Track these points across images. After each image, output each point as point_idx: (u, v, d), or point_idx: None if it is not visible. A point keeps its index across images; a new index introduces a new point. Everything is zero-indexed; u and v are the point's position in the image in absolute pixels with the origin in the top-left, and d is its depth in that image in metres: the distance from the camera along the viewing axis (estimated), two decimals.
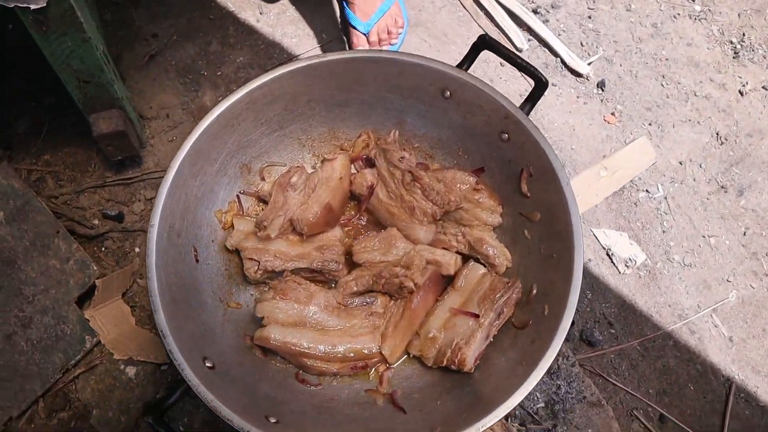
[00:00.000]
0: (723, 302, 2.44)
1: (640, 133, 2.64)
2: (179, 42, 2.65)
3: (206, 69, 2.61)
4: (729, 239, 2.53)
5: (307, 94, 1.77)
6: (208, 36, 2.67)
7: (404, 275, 1.63)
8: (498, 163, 1.76)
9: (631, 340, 2.36)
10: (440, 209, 1.71)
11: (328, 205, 1.71)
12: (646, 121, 2.67)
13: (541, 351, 1.46)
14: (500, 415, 1.41)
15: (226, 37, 2.68)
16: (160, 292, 1.47)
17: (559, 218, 1.59)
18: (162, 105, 2.52)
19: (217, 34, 2.68)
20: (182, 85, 2.57)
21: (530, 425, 2.10)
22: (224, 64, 2.63)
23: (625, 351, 2.36)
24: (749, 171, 2.63)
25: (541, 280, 1.63)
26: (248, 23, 2.72)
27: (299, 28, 2.72)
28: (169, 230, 1.57)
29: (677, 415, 2.29)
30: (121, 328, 2.16)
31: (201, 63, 2.62)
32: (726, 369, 2.37)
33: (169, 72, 2.59)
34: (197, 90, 2.56)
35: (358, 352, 1.62)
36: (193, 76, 2.59)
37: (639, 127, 2.66)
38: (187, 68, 2.60)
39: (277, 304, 1.60)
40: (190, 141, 1.60)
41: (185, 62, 2.61)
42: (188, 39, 2.65)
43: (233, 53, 2.65)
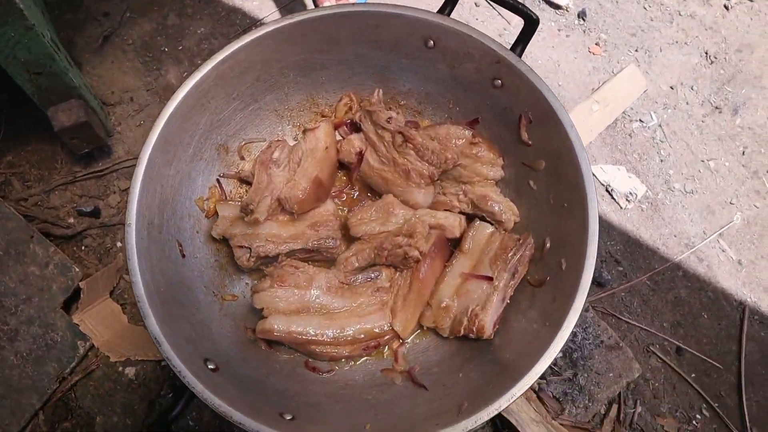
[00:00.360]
0: (728, 226, 2.35)
1: (627, 61, 2.50)
2: (133, 19, 2.46)
3: (166, 45, 2.43)
4: (728, 160, 2.43)
5: (278, 61, 1.61)
6: (163, 9, 2.49)
7: (408, 244, 1.50)
8: (493, 112, 1.62)
9: (640, 275, 2.28)
10: (437, 169, 1.57)
11: (317, 179, 1.57)
12: (632, 47, 2.54)
13: (564, 309, 1.36)
14: (529, 382, 1.31)
15: (184, 8, 2.50)
16: (148, 295, 1.35)
17: (566, 164, 1.47)
18: (124, 88, 2.35)
19: (173, 6, 2.50)
20: (143, 64, 2.40)
21: (550, 377, 2.02)
22: (185, 37, 2.45)
23: (636, 287, 2.28)
24: (742, 88, 2.52)
25: (553, 232, 1.51)
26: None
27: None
28: (148, 227, 1.44)
29: (693, 346, 2.23)
30: (113, 328, 2.07)
31: (160, 39, 2.44)
32: (737, 293, 2.30)
33: (127, 52, 2.41)
34: (159, 68, 2.39)
35: (369, 331, 1.50)
36: (153, 54, 2.41)
37: (625, 55, 2.53)
38: (145, 46, 2.42)
39: (276, 293, 1.47)
40: (157, 128, 1.45)
41: (143, 40, 2.44)
42: (143, 14, 2.47)
43: (193, 24, 2.47)
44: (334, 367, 1.55)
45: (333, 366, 1.55)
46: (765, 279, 2.30)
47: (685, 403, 2.18)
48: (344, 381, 1.53)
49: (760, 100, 2.50)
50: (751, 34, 2.59)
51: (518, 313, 1.51)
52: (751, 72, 2.53)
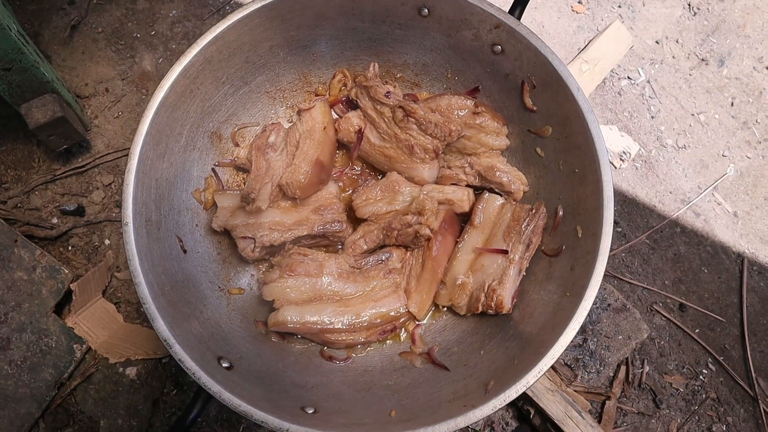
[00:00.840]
0: (722, 178, 2.32)
1: (611, 18, 2.44)
2: (101, 5, 2.33)
3: (138, 30, 2.30)
4: (718, 113, 2.39)
5: (267, 40, 1.52)
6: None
7: (418, 222, 1.44)
8: (494, 79, 1.55)
9: (639, 234, 2.24)
10: (441, 142, 1.51)
11: (318, 161, 1.49)
12: (614, 3, 2.47)
13: (585, 277, 1.31)
14: (555, 355, 1.26)
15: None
16: (153, 297, 1.27)
17: (574, 129, 1.41)
18: (98, 79, 2.23)
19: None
20: (115, 52, 2.27)
21: None
22: (156, 21, 2.32)
23: (635, 247, 2.24)
24: (726, 38, 2.47)
25: (566, 199, 1.46)
26: None
27: None
28: (146, 225, 1.36)
29: (695, 301, 2.21)
30: (110, 328, 1.99)
31: (130, 25, 2.31)
32: (735, 245, 2.27)
33: (98, 41, 2.28)
34: (133, 56, 2.27)
35: (385, 315, 1.44)
36: (125, 41, 2.29)
37: (609, 12, 2.46)
38: (116, 33, 2.29)
39: (287, 283, 1.40)
40: (146, 119, 1.37)
41: (113, 27, 2.30)
42: (110, 0, 2.33)
43: (164, 8, 2.35)
44: (351, 354, 1.49)
45: (350, 353, 1.49)
46: (761, 229, 2.28)
47: (691, 359, 2.16)
48: (363, 368, 1.48)
49: (744, 49, 2.46)
50: None
51: (536, 285, 1.46)
52: (735, 21, 2.49)
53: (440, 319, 1.55)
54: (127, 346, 1.98)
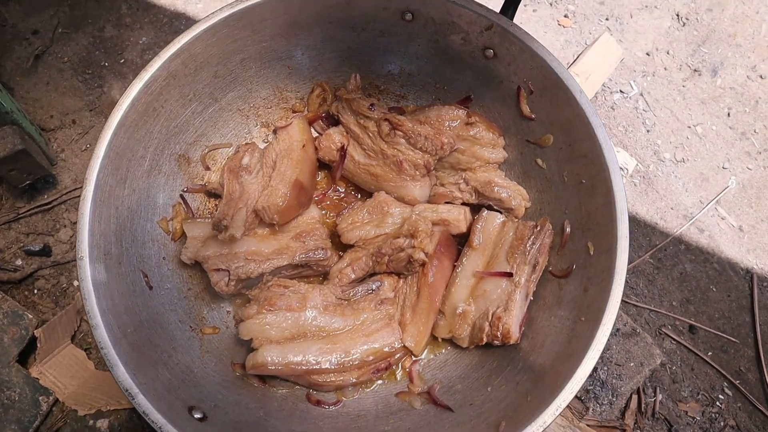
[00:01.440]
0: (724, 191, 2.19)
1: (599, 31, 2.33)
2: (67, 34, 2.19)
3: (106, 59, 2.16)
4: (715, 124, 2.26)
5: (238, 52, 1.38)
6: (99, 21, 2.22)
7: (410, 246, 1.28)
8: (487, 87, 1.41)
9: (642, 254, 2.09)
10: (433, 156, 1.35)
11: (297, 182, 1.33)
12: (602, 16, 2.36)
13: (602, 298, 1.16)
14: (575, 388, 1.10)
15: (121, 18, 2.23)
16: (113, 340, 1.11)
17: (579, 135, 1.27)
18: (64, 110, 2.08)
19: (109, 17, 2.23)
20: (82, 82, 2.12)
21: None
22: (125, 49, 2.18)
23: (639, 267, 2.09)
24: (717, 48, 2.36)
25: (573, 214, 1.31)
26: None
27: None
28: (105, 259, 1.19)
29: (706, 322, 2.05)
30: (79, 377, 1.84)
31: (98, 53, 2.17)
32: (743, 261, 2.13)
33: (64, 71, 2.13)
34: (101, 85, 2.12)
35: (378, 352, 1.27)
36: (93, 70, 2.14)
37: (596, 25, 2.35)
38: (83, 62, 2.15)
39: (266, 319, 1.23)
40: (104, 141, 1.22)
41: (80, 56, 2.16)
42: (77, 29, 2.20)
43: (133, 35, 2.21)
44: (342, 397, 1.31)
45: (340, 397, 1.31)
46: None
47: (706, 384, 1.99)
48: (356, 412, 1.30)
49: (737, 58, 2.35)
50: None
51: (545, 310, 1.30)
52: (725, 30, 2.38)
53: (440, 354, 1.38)
54: (98, 395, 1.82)
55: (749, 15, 2.41)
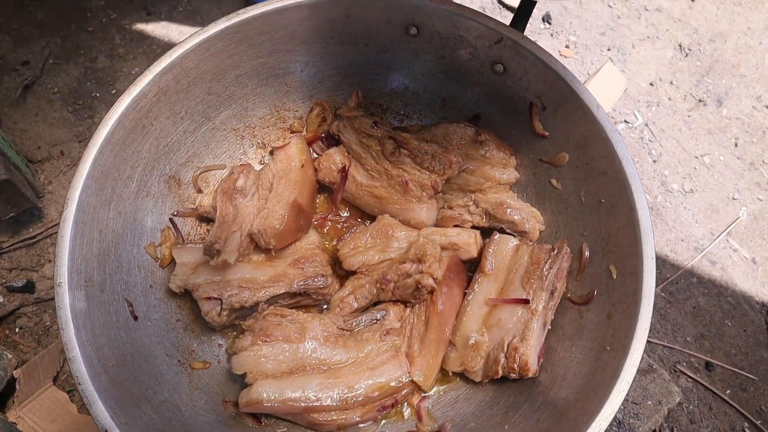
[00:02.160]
0: (735, 223, 2.10)
1: (600, 62, 2.27)
2: (58, 65, 2.12)
3: (97, 90, 2.08)
4: (722, 154, 2.19)
5: (233, 68, 1.29)
6: (91, 52, 2.15)
7: (418, 271, 1.17)
8: (497, 104, 1.32)
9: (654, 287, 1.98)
10: (440, 176, 1.26)
11: (295, 204, 1.23)
12: (603, 47, 2.31)
13: (629, 325, 1.06)
14: (603, 425, 0.99)
15: (113, 48, 2.16)
16: (92, 375, 1.00)
17: (596, 152, 1.18)
18: (52, 141, 1.99)
19: (102, 48, 2.16)
20: (72, 113, 2.04)
21: None
22: (117, 79, 2.11)
23: None
24: (722, 78, 2.30)
25: (592, 236, 1.21)
26: (136, 28, 2.20)
27: (197, 22, 2.22)
28: (86, 286, 1.08)
29: (722, 358, 1.94)
30: (61, 421, 1.74)
31: (90, 84, 2.09)
32: (758, 294, 2.03)
33: (53, 102, 2.05)
34: (92, 116, 2.04)
35: (384, 386, 1.14)
36: (83, 101, 2.06)
37: (598, 56, 2.29)
38: (74, 93, 2.07)
39: (261, 351, 1.11)
40: (88, 159, 1.12)
41: (70, 86, 2.08)
42: (68, 59, 2.13)
43: (126, 65, 2.13)
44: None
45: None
46: None
47: (726, 425, 1.87)
48: None
49: (741, 88, 2.29)
50: (720, 22, 2.40)
51: (565, 340, 1.19)
52: (728, 61, 2.33)
53: (451, 389, 1.26)
54: None
55: (752, 46, 2.36)
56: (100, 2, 2.20)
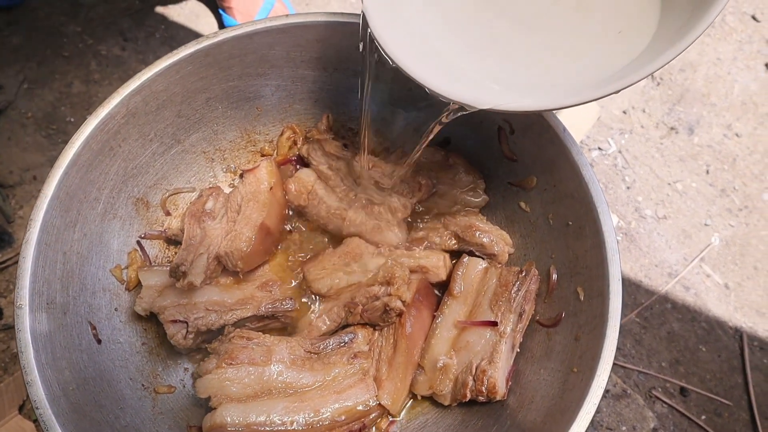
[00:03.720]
0: (708, 249, 2.11)
1: None
2: (32, 90, 2.10)
3: (72, 114, 2.07)
4: (694, 181, 2.21)
5: (203, 91, 1.28)
6: (66, 77, 2.13)
7: (386, 294, 1.16)
8: (466, 128, 1.32)
9: (628, 313, 1.99)
10: (410, 199, 1.25)
11: (264, 226, 1.21)
12: None
13: (595, 346, 1.04)
14: None
15: (89, 74, 2.15)
16: (50, 399, 0.97)
17: (563, 175, 1.17)
18: (25, 166, 1.96)
19: (77, 73, 2.14)
20: (46, 138, 2.02)
21: None
22: (93, 104, 2.10)
23: (625, 326, 1.98)
24: (692, 107, 2.33)
25: (560, 258, 1.20)
26: (113, 54, 2.19)
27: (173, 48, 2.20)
28: (48, 308, 1.05)
29: (697, 384, 1.93)
30: None
31: (64, 109, 2.08)
32: (731, 319, 2.03)
33: (27, 126, 2.03)
34: (66, 140, 1.99)
35: (351, 411, 1.12)
36: (57, 125, 2.04)
37: None
38: (48, 118, 2.05)
39: (226, 374, 1.08)
40: (53, 180, 1.10)
41: (44, 111, 2.06)
42: (43, 85, 2.11)
43: (101, 90, 2.12)
44: None
45: None
46: (756, 301, 2.05)
47: None
48: None
49: (712, 117, 2.32)
50: (690, 53, 2.44)
51: (533, 363, 1.17)
52: (698, 90, 2.36)
53: (420, 413, 1.23)
54: None
55: (721, 75, 2.39)
56: (77, 28, 2.19)
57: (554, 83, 0.94)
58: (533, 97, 0.90)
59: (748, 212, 2.17)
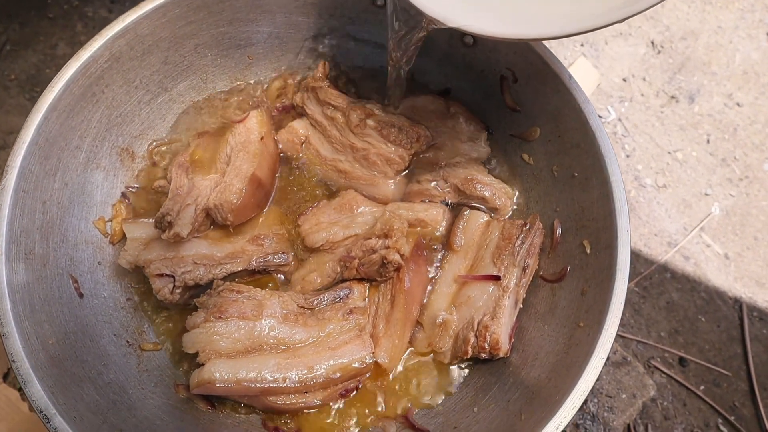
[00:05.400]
0: (708, 218, 2.06)
1: (573, 56, 2.23)
2: (15, 51, 2.01)
3: None
4: (695, 150, 2.15)
5: (191, 37, 1.21)
6: (51, 39, 2.05)
7: (384, 247, 1.09)
8: (467, 78, 1.26)
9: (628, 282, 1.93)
10: (408, 151, 1.18)
11: (255, 178, 1.15)
12: (576, 42, 2.27)
13: (603, 300, 1.00)
14: (578, 402, 0.92)
15: (75, 36, 2.07)
16: (28, 352, 0.92)
17: (569, 124, 1.12)
18: (8, 129, 1.90)
19: (62, 35, 2.06)
20: (29, 101, 1.95)
21: None
22: None
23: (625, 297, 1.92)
24: (693, 75, 2.28)
25: (565, 211, 1.15)
26: (99, 16, 2.11)
27: None
28: (26, 258, 0.99)
29: (696, 354, 1.89)
30: (9, 420, 1.64)
31: (49, 71, 2.00)
32: (731, 290, 1.98)
33: (10, 88, 1.95)
34: None
35: (346, 368, 1.06)
36: (41, 88, 1.94)
37: (571, 51, 2.26)
38: (32, 80, 1.97)
39: (215, 328, 1.02)
40: (31, 125, 1.04)
41: (28, 73, 1.98)
42: (26, 46, 2.03)
43: None
44: (303, 423, 1.09)
45: (301, 423, 1.09)
46: (755, 271, 2.00)
47: (700, 420, 1.81)
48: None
49: (713, 86, 2.27)
50: (692, 21, 2.38)
51: (537, 319, 1.12)
52: (699, 59, 2.31)
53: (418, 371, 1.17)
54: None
55: (722, 44, 2.33)
56: None
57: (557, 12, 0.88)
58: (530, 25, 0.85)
59: (749, 182, 2.12)
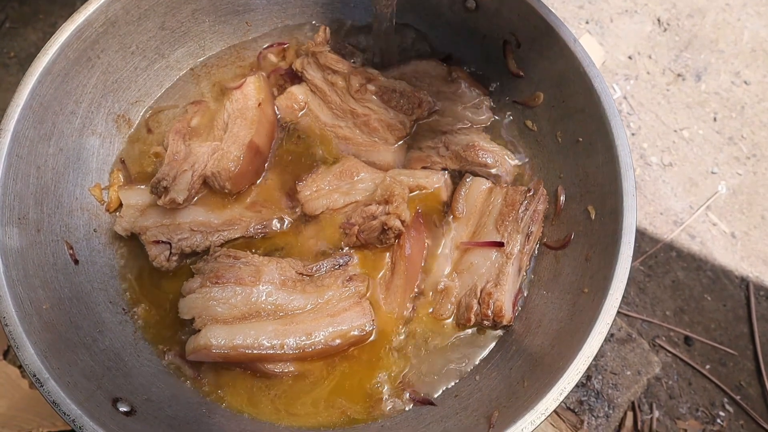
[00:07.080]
0: (714, 197, 2.02)
1: (579, 34, 2.18)
2: (15, 29, 1.99)
3: None
4: (701, 128, 2.11)
5: (189, 2, 1.19)
6: (51, 17, 2.03)
7: (384, 213, 1.06)
8: (469, 43, 1.23)
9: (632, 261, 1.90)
10: (409, 117, 1.15)
11: (252, 144, 1.12)
12: (581, 20, 2.23)
13: (608, 265, 0.97)
14: (581, 368, 0.90)
15: None
16: (21, 316, 0.89)
17: (573, 89, 1.09)
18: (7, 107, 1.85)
19: (62, 13, 2.04)
20: None
21: None
22: None
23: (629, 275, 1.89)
24: (700, 53, 2.23)
25: (569, 177, 1.12)
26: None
27: None
28: (20, 223, 0.97)
29: (702, 333, 1.86)
30: (9, 397, 1.62)
31: None
32: (738, 269, 1.95)
33: (9, 66, 1.94)
34: None
35: (345, 335, 1.03)
36: None
37: (576, 28, 2.22)
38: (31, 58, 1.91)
39: (211, 293, 1.00)
40: (25, 89, 1.01)
41: (28, 51, 1.97)
42: (26, 24, 2.01)
43: None
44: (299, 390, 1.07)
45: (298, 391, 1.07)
46: (763, 250, 1.97)
47: (705, 400, 1.79)
48: None
49: (720, 64, 2.22)
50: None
51: (540, 287, 1.09)
52: (707, 36, 2.27)
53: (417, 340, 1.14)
54: (30, 417, 1.59)
55: (730, 22, 2.29)
56: None
57: None
58: None
59: (756, 161, 2.08)
